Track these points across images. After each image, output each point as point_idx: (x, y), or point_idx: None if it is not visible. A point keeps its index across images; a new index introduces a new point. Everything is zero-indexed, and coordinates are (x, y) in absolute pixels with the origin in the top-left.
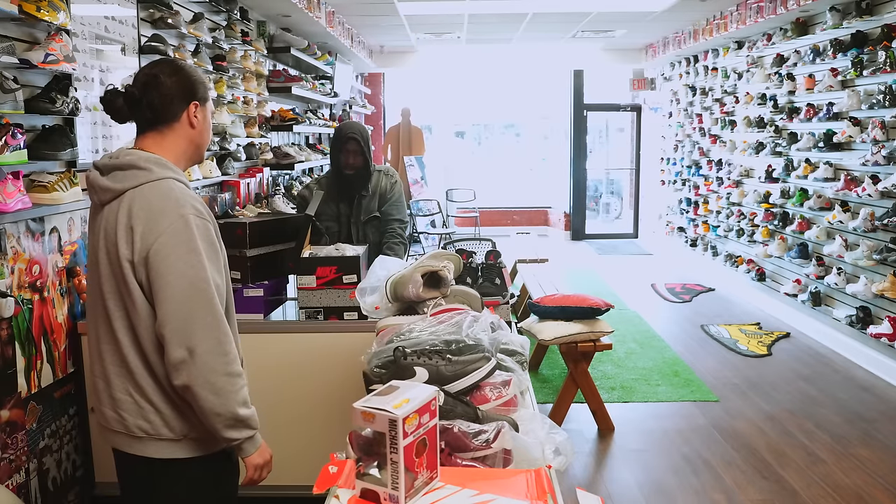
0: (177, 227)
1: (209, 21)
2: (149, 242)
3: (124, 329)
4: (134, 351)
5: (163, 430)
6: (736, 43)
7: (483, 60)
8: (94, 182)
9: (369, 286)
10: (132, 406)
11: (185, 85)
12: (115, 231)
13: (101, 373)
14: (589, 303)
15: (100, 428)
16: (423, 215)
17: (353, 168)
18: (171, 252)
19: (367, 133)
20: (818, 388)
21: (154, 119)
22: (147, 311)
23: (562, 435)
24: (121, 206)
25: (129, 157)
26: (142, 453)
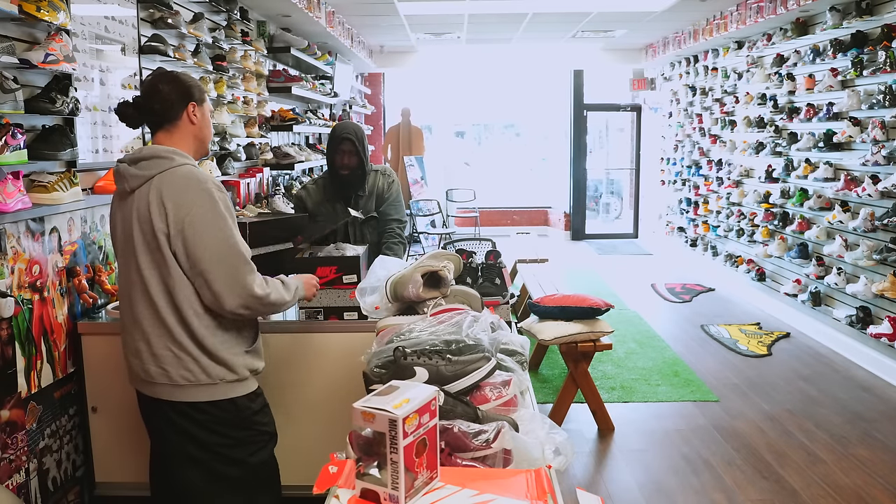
0: (203, 200)
1: (209, 21)
2: (181, 216)
3: (161, 294)
4: (170, 311)
5: (201, 377)
6: (736, 43)
7: (483, 60)
8: (124, 172)
9: (369, 286)
10: (173, 359)
11: (180, 90)
12: (149, 209)
13: (141, 336)
14: (589, 303)
15: (141, 384)
16: (423, 215)
17: (348, 168)
18: (203, 221)
19: (363, 133)
20: (818, 388)
21: (160, 120)
22: (180, 275)
23: (562, 435)
24: (151, 189)
25: (151, 150)
26: (185, 399)
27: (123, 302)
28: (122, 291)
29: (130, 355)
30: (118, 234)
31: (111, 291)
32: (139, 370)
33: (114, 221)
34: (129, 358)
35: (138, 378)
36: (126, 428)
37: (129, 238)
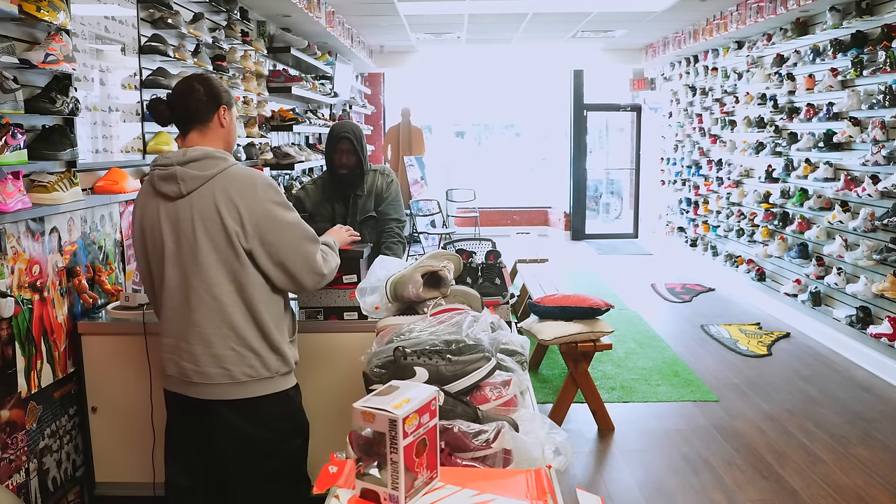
0: (271, 195)
1: (209, 21)
2: (256, 213)
3: (229, 292)
4: (239, 308)
5: (262, 371)
6: (736, 43)
7: (483, 60)
8: (180, 174)
9: (369, 286)
10: (236, 357)
11: (212, 92)
12: (217, 209)
13: (198, 339)
14: (589, 303)
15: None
16: (423, 215)
17: (346, 167)
18: (276, 215)
19: (361, 132)
20: (818, 388)
21: (192, 120)
22: (252, 270)
23: (562, 435)
24: (214, 189)
25: (198, 151)
26: (245, 395)
27: (171, 308)
28: (170, 297)
29: (181, 360)
30: (161, 239)
31: (111, 291)
32: (191, 373)
33: (151, 226)
34: (177, 363)
35: (186, 382)
36: (126, 428)
37: (184, 241)
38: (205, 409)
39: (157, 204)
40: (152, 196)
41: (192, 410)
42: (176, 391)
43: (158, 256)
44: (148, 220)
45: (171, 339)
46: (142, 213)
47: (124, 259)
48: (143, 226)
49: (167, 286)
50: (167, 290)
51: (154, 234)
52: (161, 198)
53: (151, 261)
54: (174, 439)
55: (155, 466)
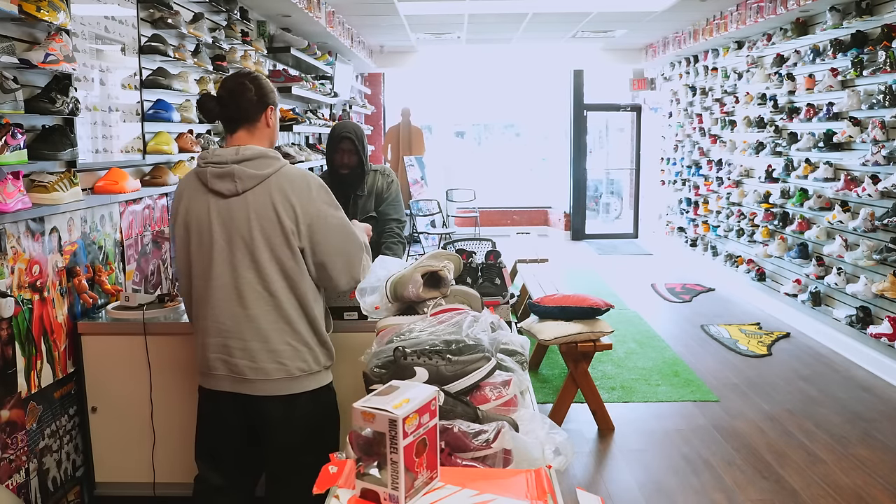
0: (323, 195)
1: (209, 21)
2: (310, 212)
3: (283, 288)
4: (292, 304)
5: (314, 365)
6: (736, 43)
7: (483, 60)
8: (238, 173)
9: (369, 286)
10: (291, 352)
11: (262, 92)
12: (273, 208)
13: (255, 335)
14: (589, 303)
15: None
16: (423, 215)
17: (347, 167)
18: (327, 215)
19: (362, 132)
20: (818, 388)
21: (241, 119)
22: (303, 266)
23: (562, 435)
24: (271, 188)
25: (252, 151)
26: (302, 389)
27: (219, 306)
28: (218, 295)
29: (232, 357)
30: (210, 237)
31: (111, 291)
32: (245, 370)
33: (199, 223)
34: (227, 361)
35: (238, 379)
36: (126, 428)
37: (238, 238)
38: (255, 406)
39: (206, 201)
40: (202, 193)
41: (241, 407)
42: (224, 390)
43: (206, 255)
44: (195, 217)
45: (217, 337)
46: (186, 210)
47: (124, 259)
48: (187, 223)
49: (215, 284)
50: (215, 289)
51: (202, 231)
52: (213, 195)
53: (196, 259)
54: (212, 438)
55: (155, 466)
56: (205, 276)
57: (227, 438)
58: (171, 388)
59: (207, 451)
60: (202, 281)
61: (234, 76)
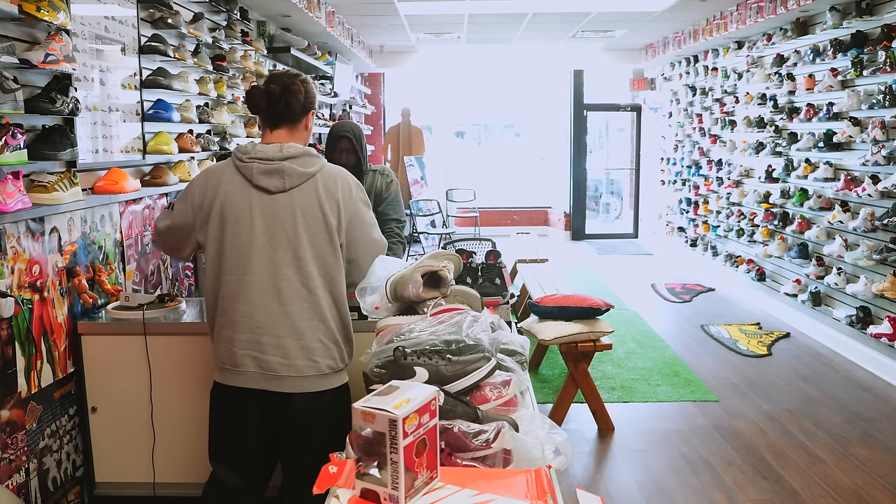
0: (361, 195)
1: (209, 21)
2: (350, 210)
3: (322, 286)
4: (328, 302)
5: (340, 363)
6: (736, 43)
7: (483, 60)
8: (288, 170)
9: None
10: (323, 349)
11: (309, 97)
12: (320, 205)
13: (290, 331)
14: (589, 303)
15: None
16: (423, 215)
17: (345, 166)
18: (363, 214)
19: (361, 132)
20: (818, 388)
21: (284, 116)
22: (342, 263)
23: (562, 435)
24: (317, 186)
25: (296, 149)
26: (329, 386)
27: (253, 302)
28: (253, 290)
29: (264, 354)
30: (250, 232)
31: (111, 291)
32: (277, 366)
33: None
34: (256, 357)
35: (268, 376)
36: (126, 428)
37: (282, 235)
38: (282, 403)
39: (249, 197)
40: (244, 188)
41: (265, 405)
42: (250, 387)
43: (243, 250)
44: (233, 210)
45: (249, 333)
46: (223, 203)
47: (124, 259)
48: (224, 216)
49: (251, 280)
50: (250, 285)
51: (241, 226)
52: (257, 190)
53: (230, 254)
54: (231, 438)
55: (155, 466)
56: (239, 271)
57: (248, 438)
58: (171, 388)
59: (226, 451)
60: (235, 276)
61: (286, 74)
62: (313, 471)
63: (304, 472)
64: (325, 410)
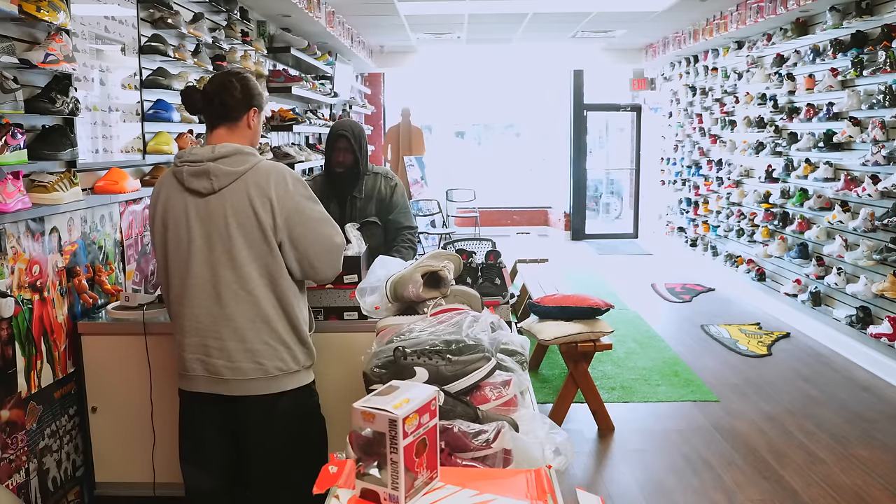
0: (300, 189)
1: (209, 21)
2: (288, 206)
3: (263, 286)
4: (271, 302)
5: (292, 365)
6: (736, 43)
7: (483, 60)
8: (213, 170)
9: (369, 286)
10: (269, 351)
11: (248, 93)
12: (250, 204)
13: (232, 334)
14: (589, 303)
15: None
16: (423, 215)
17: (343, 166)
18: (305, 207)
19: (361, 130)
20: (818, 388)
21: (222, 115)
22: (282, 263)
23: (562, 435)
24: (247, 185)
25: (228, 148)
26: (277, 389)
27: (198, 305)
28: (196, 294)
29: (210, 358)
30: (188, 236)
31: (111, 291)
32: (223, 370)
33: (176, 223)
34: (204, 361)
35: (216, 380)
36: (126, 428)
37: (216, 237)
38: (233, 406)
39: (184, 200)
40: (179, 192)
41: (219, 409)
42: (201, 391)
43: (183, 253)
44: (173, 216)
45: (195, 337)
46: (164, 209)
47: (124, 259)
48: (165, 222)
49: (193, 283)
50: (192, 288)
51: (179, 230)
52: (190, 194)
53: (173, 258)
54: (196, 442)
55: (155, 466)
56: (182, 275)
57: (211, 442)
58: (171, 388)
59: (192, 456)
60: (179, 280)
61: (222, 73)
62: (272, 476)
63: (263, 477)
64: (279, 413)
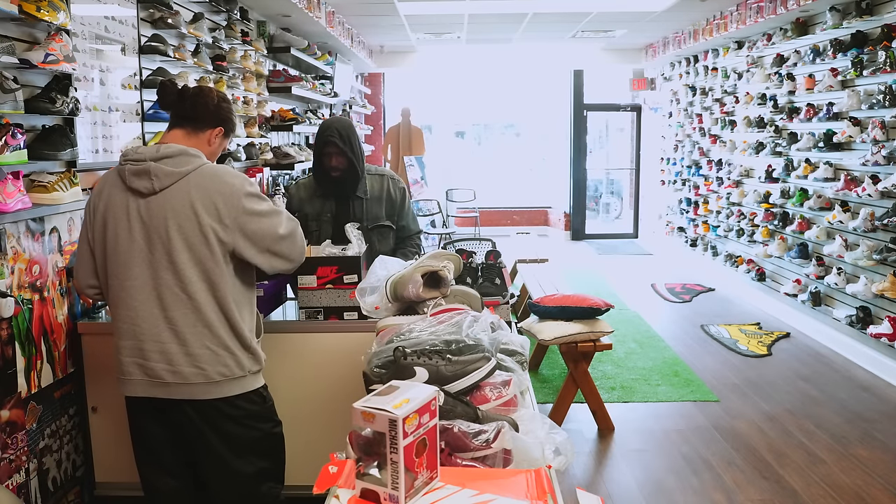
0: (245, 187)
1: (209, 21)
2: (235, 206)
3: (202, 290)
4: (212, 307)
5: (236, 370)
6: (736, 43)
7: (483, 60)
8: (154, 170)
9: (369, 286)
10: (210, 356)
11: (222, 114)
12: (192, 206)
13: (172, 337)
14: (589, 303)
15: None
16: (423, 215)
17: (337, 170)
18: (253, 206)
19: (349, 128)
20: (818, 388)
21: (188, 117)
22: (224, 266)
23: (562, 435)
24: (189, 186)
25: (173, 148)
26: (220, 395)
27: (136, 308)
28: (134, 296)
29: (148, 361)
30: (128, 236)
31: None
32: (163, 373)
33: (116, 222)
34: (142, 365)
35: (155, 383)
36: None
37: (156, 238)
38: (176, 411)
39: (125, 199)
40: (121, 191)
41: (162, 413)
42: (140, 395)
43: (122, 254)
44: (113, 215)
45: (131, 340)
46: (105, 207)
47: None
48: (105, 221)
49: (132, 285)
50: (131, 290)
51: (119, 230)
52: (131, 193)
53: (111, 258)
54: (147, 445)
55: None
56: (120, 276)
57: (161, 444)
58: None
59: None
60: (117, 281)
61: (208, 87)
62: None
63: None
64: (223, 418)
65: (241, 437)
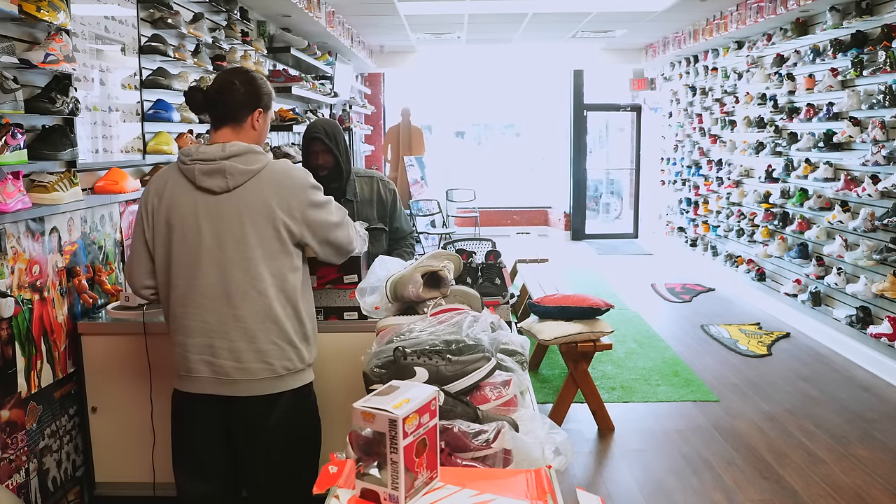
0: (310, 181)
1: (209, 21)
2: (303, 199)
3: (273, 286)
4: (281, 302)
5: (298, 364)
6: (736, 43)
7: (483, 60)
8: (229, 168)
9: (369, 286)
10: (277, 351)
11: (252, 94)
12: (267, 203)
13: (242, 335)
14: (589, 303)
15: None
16: (423, 215)
17: (324, 168)
18: (317, 198)
19: (335, 128)
20: (818, 388)
21: (225, 117)
22: (293, 260)
23: (562, 435)
24: (261, 183)
25: (238, 147)
26: (284, 388)
27: (204, 306)
28: (204, 294)
29: (217, 359)
30: (197, 235)
31: (111, 291)
32: (231, 371)
33: (183, 222)
34: (211, 362)
35: (222, 381)
36: (126, 428)
37: (229, 236)
38: (236, 408)
39: (193, 199)
40: (188, 191)
41: (217, 410)
42: (206, 392)
43: (190, 253)
44: (179, 215)
45: (201, 337)
46: (168, 208)
47: (124, 259)
48: (168, 221)
49: (201, 283)
50: (200, 288)
51: (187, 229)
52: (201, 192)
53: (178, 257)
54: (193, 444)
55: (155, 466)
56: (189, 276)
57: (209, 444)
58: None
59: (188, 459)
60: (185, 280)
61: (227, 71)
62: (270, 475)
63: (261, 476)
64: (280, 412)
65: (294, 432)
